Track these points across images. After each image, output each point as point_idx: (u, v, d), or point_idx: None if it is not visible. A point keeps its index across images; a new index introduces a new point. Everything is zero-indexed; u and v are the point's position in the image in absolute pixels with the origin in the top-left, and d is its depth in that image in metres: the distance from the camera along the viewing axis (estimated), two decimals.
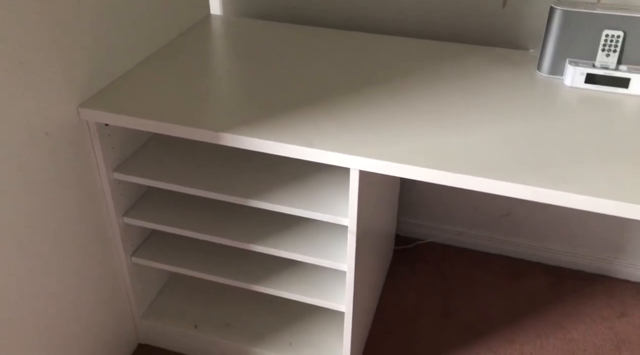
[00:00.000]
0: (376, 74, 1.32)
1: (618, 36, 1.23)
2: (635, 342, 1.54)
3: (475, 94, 1.24)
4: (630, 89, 1.23)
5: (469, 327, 1.60)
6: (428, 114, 1.16)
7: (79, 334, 1.28)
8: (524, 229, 1.78)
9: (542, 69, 1.32)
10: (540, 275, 1.77)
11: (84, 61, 1.16)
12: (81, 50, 1.14)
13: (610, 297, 1.69)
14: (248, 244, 1.27)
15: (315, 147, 1.06)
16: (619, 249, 1.71)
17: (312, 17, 1.64)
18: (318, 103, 1.20)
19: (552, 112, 1.18)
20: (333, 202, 1.19)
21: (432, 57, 1.40)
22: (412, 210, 1.88)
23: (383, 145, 1.06)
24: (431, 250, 1.87)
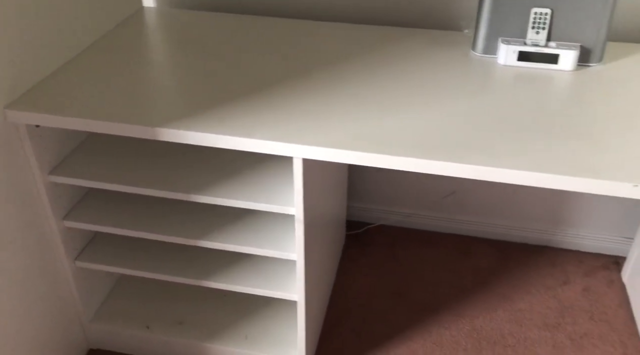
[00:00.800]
0: (315, 61, 1.32)
1: (546, 13, 1.27)
2: (577, 308, 1.61)
3: (414, 76, 1.25)
4: (559, 64, 1.27)
5: (422, 306, 1.64)
6: (368, 98, 1.17)
7: (25, 342, 1.23)
8: (469, 207, 1.83)
9: (476, 49, 1.35)
10: (488, 250, 1.82)
11: (7, 60, 1.10)
12: (6, 47, 1.08)
13: (554, 266, 1.76)
14: (195, 240, 1.25)
15: (255, 137, 1.05)
16: (559, 220, 1.78)
17: (249, 6, 1.62)
18: (258, 92, 1.19)
19: (488, 90, 1.20)
20: (279, 192, 1.18)
21: (371, 42, 1.41)
22: (361, 195, 1.90)
23: (325, 132, 1.06)
24: (382, 233, 1.89)
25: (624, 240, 1.75)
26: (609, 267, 1.74)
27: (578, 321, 1.57)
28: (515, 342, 1.52)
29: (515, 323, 1.58)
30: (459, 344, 1.52)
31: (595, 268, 1.74)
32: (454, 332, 1.55)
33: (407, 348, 1.52)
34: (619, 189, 0.94)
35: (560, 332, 1.55)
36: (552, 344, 1.51)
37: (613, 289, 1.67)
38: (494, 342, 1.52)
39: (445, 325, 1.58)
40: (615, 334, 1.53)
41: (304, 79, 1.24)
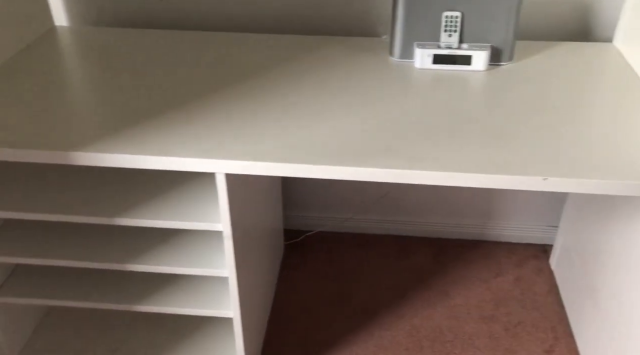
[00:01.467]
0: (237, 73, 1.30)
1: (456, 17, 1.31)
2: (510, 298, 1.67)
3: (335, 84, 1.26)
4: (472, 65, 1.31)
5: (363, 310, 1.65)
6: (291, 108, 1.17)
7: None
8: (404, 207, 1.86)
9: (394, 54, 1.38)
10: (424, 248, 1.86)
11: None
12: None
13: (487, 259, 1.81)
14: (122, 264, 1.21)
15: (174, 155, 1.03)
16: (490, 214, 1.84)
17: (167, 20, 1.59)
18: (178, 108, 1.17)
19: (406, 94, 1.23)
20: (205, 209, 1.16)
21: (292, 51, 1.41)
22: (297, 202, 1.89)
23: (247, 145, 1.05)
24: (320, 240, 1.90)
25: (550, 229, 1.83)
26: (538, 256, 1.81)
27: (512, 311, 1.63)
28: (454, 337, 1.56)
29: (453, 318, 1.61)
30: (400, 344, 1.54)
31: (526, 258, 1.81)
32: (395, 333, 1.57)
33: (350, 352, 1.52)
34: (530, 184, 0.97)
35: (495, 323, 1.59)
36: (489, 335, 1.56)
37: (542, 277, 1.73)
38: (433, 339, 1.55)
39: (386, 327, 1.59)
40: (546, 320, 1.59)
41: (225, 92, 1.23)
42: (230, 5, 1.55)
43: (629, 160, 1.00)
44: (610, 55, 1.38)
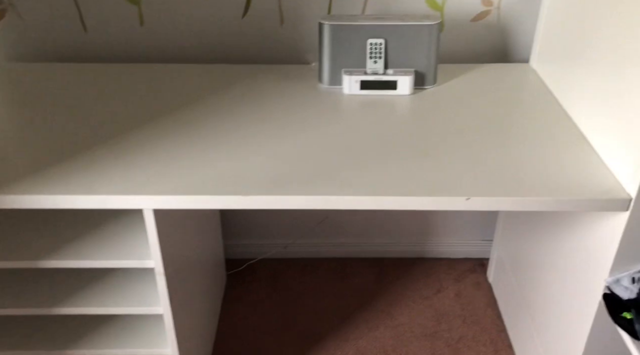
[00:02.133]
0: (166, 105, 1.29)
1: (380, 43, 1.35)
2: (451, 314, 1.70)
3: (266, 112, 1.27)
4: (398, 90, 1.35)
5: (309, 335, 1.64)
6: (220, 139, 1.16)
7: None
8: (344, 229, 1.88)
9: (323, 81, 1.40)
10: (366, 269, 1.87)
11: None
12: None
13: (428, 276, 1.84)
14: (51, 308, 1.16)
15: (98, 192, 1.00)
16: (429, 231, 1.88)
17: (92, 53, 1.56)
18: (104, 144, 1.14)
19: (335, 120, 1.25)
20: (135, 245, 1.13)
21: (222, 81, 1.41)
22: (238, 231, 1.88)
23: (175, 179, 1.04)
24: (263, 267, 1.88)
25: (486, 243, 1.89)
26: (476, 270, 1.86)
27: (453, 327, 1.66)
28: None
29: (396, 338, 1.63)
30: None
31: (464, 272, 1.85)
32: None
33: None
34: (454, 204, 1.01)
35: (437, 339, 1.62)
36: (432, 352, 1.58)
37: (481, 291, 1.78)
38: None
39: (331, 351, 1.59)
40: (486, 333, 1.63)
41: (154, 125, 1.21)
42: (159, 36, 1.54)
43: (546, 177, 1.05)
44: (527, 75, 1.45)
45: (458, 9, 1.50)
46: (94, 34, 1.53)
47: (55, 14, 1.51)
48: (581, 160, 1.10)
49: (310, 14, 1.51)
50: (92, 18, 1.51)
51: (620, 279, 1.03)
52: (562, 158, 1.10)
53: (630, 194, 0.98)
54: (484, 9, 1.50)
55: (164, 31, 1.53)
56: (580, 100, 1.21)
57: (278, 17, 1.52)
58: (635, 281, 1.01)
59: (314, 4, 1.49)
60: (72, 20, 1.51)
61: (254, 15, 1.51)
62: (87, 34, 1.53)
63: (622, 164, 1.02)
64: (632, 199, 0.98)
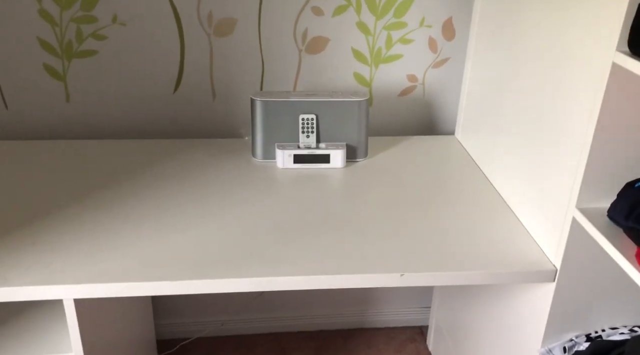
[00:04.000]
0: (91, 183, 1.24)
1: (312, 118, 1.37)
2: None
3: (198, 188, 1.24)
4: (331, 163, 1.37)
5: None
6: (148, 218, 1.12)
7: None
8: (281, 304, 1.83)
9: (256, 155, 1.40)
10: (306, 343, 1.82)
11: None
12: None
13: (368, 347, 1.81)
14: None
15: (13, 284, 0.93)
16: (365, 301, 1.86)
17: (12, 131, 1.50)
18: (20, 229, 1.07)
19: (269, 195, 1.24)
20: (55, 337, 1.05)
21: (152, 156, 1.38)
22: (170, 311, 1.79)
23: (98, 264, 0.98)
24: (198, 347, 1.79)
25: (424, 310, 1.89)
26: (416, 339, 1.85)
27: None
28: None
29: None
30: None
31: (404, 341, 1.83)
32: None
33: None
34: (389, 281, 1.00)
35: None
36: None
37: None
38: None
39: None
40: None
41: (76, 206, 1.15)
42: (87, 112, 1.50)
43: (476, 250, 1.07)
44: (452, 146, 1.51)
45: (385, 84, 1.56)
46: (16, 111, 1.48)
47: None
48: (507, 231, 1.13)
49: (242, 89, 1.52)
50: (14, 95, 1.46)
51: (552, 349, 1.04)
52: (489, 230, 1.13)
53: (555, 265, 1.02)
54: (410, 85, 1.57)
55: (92, 107, 1.50)
56: (502, 171, 1.26)
57: (210, 92, 1.52)
58: (567, 351, 1.03)
59: (246, 79, 1.51)
60: None
61: (185, 90, 1.51)
62: (9, 111, 1.48)
63: (545, 234, 1.06)
64: (557, 270, 1.01)
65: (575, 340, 1.03)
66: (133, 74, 1.47)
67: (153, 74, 1.48)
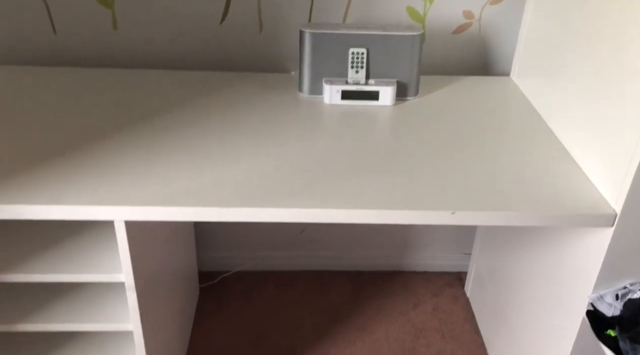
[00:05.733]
0: (139, 112, 1.24)
1: (362, 53, 1.33)
2: (429, 328, 1.67)
3: (244, 122, 1.23)
4: (380, 100, 1.33)
5: (283, 350, 1.59)
6: (198, 148, 1.12)
7: None
8: (321, 242, 1.84)
9: (303, 90, 1.37)
10: (343, 283, 1.84)
11: None
12: None
13: (405, 290, 1.81)
14: (12, 325, 1.09)
15: (66, 203, 0.94)
16: (405, 245, 1.85)
17: (62, 57, 1.50)
18: (72, 152, 1.08)
19: (316, 131, 1.22)
20: (105, 259, 1.08)
21: (200, 88, 1.37)
22: (212, 243, 1.82)
23: (149, 189, 0.99)
24: (238, 280, 1.83)
25: (463, 257, 1.87)
26: (454, 284, 1.84)
27: (431, 342, 1.63)
28: None
29: (374, 353, 1.59)
30: None
31: (442, 287, 1.83)
32: None
33: None
34: (439, 218, 0.98)
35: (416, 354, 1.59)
36: None
37: (459, 305, 1.76)
38: None
39: None
40: (464, 348, 1.61)
41: (126, 133, 1.16)
42: (133, 41, 1.49)
43: (531, 192, 1.03)
44: (507, 88, 1.44)
45: (439, 20, 1.49)
46: (64, 37, 1.47)
47: (23, 14, 1.44)
48: (565, 175, 1.08)
49: (290, 22, 1.48)
50: (62, 20, 1.45)
51: (603, 295, 1.01)
52: (546, 173, 1.09)
53: (615, 209, 0.97)
54: (465, 21, 1.49)
55: (139, 36, 1.48)
56: (562, 115, 1.20)
57: (257, 24, 1.48)
58: (619, 298, 1.00)
59: (294, 11, 1.46)
60: (41, 21, 1.45)
61: (232, 21, 1.47)
62: (57, 37, 1.47)
63: (607, 179, 1.01)
64: (617, 215, 0.97)
65: (629, 288, 1.00)
66: (180, 4, 1.44)
67: (200, 4, 1.44)
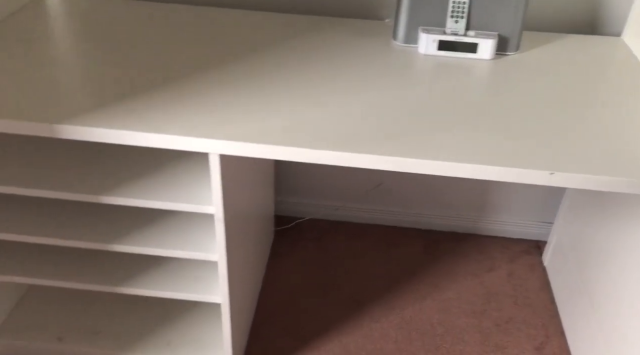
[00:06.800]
0: (233, 51, 1.25)
1: (464, 2, 1.27)
2: (502, 293, 1.65)
3: (334, 66, 1.22)
4: (478, 53, 1.27)
5: (352, 299, 1.62)
6: (287, 90, 1.12)
7: None
8: (397, 197, 1.83)
9: (397, 38, 1.33)
10: (416, 240, 1.83)
11: None
12: None
13: (480, 253, 1.79)
14: (106, 244, 1.16)
15: (167, 132, 0.98)
16: (484, 207, 1.81)
17: None
18: (171, 85, 1.11)
19: (409, 80, 1.19)
20: (196, 190, 1.12)
21: (291, 31, 1.36)
22: (290, 189, 1.85)
23: (243, 126, 1.01)
24: (311, 227, 1.86)
25: (544, 225, 1.81)
26: (531, 252, 1.79)
27: (503, 307, 1.60)
28: (444, 331, 1.53)
29: (444, 312, 1.59)
30: (389, 336, 1.52)
31: (519, 253, 1.78)
32: (385, 325, 1.55)
33: (338, 343, 1.49)
34: (536, 178, 0.94)
35: (486, 318, 1.57)
36: (479, 330, 1.54)
37: (535, 273, 1.71)
38: (424, 332, 1.53)
39: (375, 318, 1.57)
40: (537, 316, 1.58)
41: (221, 70, 1.17)
42: None
43: (634, 156, 0.97)
44: (618, 50, 1.34)
45: None
46: None
47: None
48: None
49: None
50: None
51: None
52: None
53: None
54: None
55: None
56: None
57: None
58: None
59: None
60: None
61: None
62: None
63: None
64: None
65: None
66: None
67: None
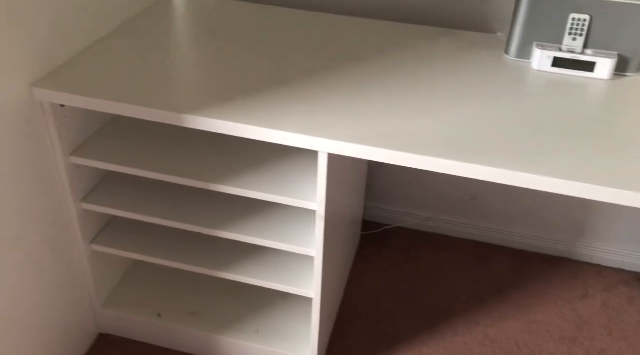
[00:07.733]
0: (345, 56, 1.29)
1: (584, 20, 1.24)
2: (596, 323, 1.58)
3: (444, 76, 1.23)
4: (595, 73, 1.24)
5: (435, 309, 1.61)
6: (396, 97, 1.15)
7: (35, 323, 1.23)
8: (490, 214, 1.80)
9: (510, 53, 1.32)
10: (505, 258, 1.79)
11: (37, 37, 1.09)
12: (33, 25, 1.08)
13: (573, 279, 1.72)
14: (213, 229, 1.23)
15: (283, 129, 1.03)
16: (580, 232, 1.74)
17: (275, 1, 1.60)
18: (285, 85, 1.17)
19: (520, 95, 1.17)
20: (301, 187, 1.16)
21: (401, 39, 1.38)
22: (379, 195, 1.87)
23: (351, 128, 1.04)
24: (398, 235, 1.87)
25: None
26: (630, 284, 1.70)
27: (596, 337, 1.54)
28: (530, 353, 1.49)
29: (530, 334, 1.54)
30: (472, 351, 1.50)
31: (616, 283, 1.70)
32: (468, 339, 1.53)
33: (418, 352, 1.49)
34: None
35: (577, 346, 1.51)
36: None
37: (634, 306, 1.63)
38: (509, 352, 1.49)
39: (459, 331, 1.55)
40: (633, 351, 1.50)
41: (332, 74, 1.22)
42: None
43: None
44: None
45: None
46: None
47: None
48: None
49: None
50: None
51: None
52: None
53: None
54: None
55: None
56: None
57: None
58: None
59: None
60: None
61: None
62: None
63: None
64: None
65: None
66: None
67: None
